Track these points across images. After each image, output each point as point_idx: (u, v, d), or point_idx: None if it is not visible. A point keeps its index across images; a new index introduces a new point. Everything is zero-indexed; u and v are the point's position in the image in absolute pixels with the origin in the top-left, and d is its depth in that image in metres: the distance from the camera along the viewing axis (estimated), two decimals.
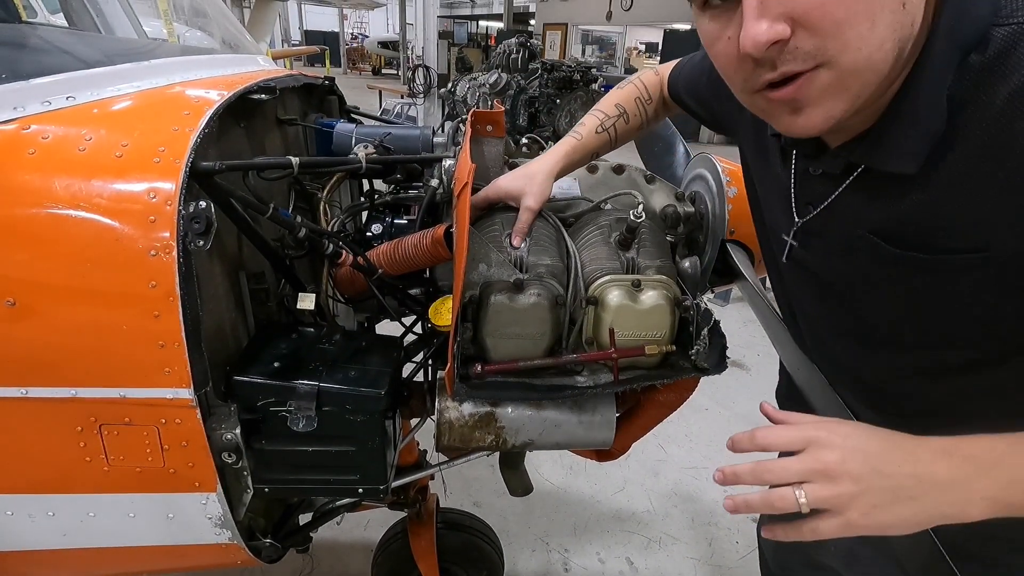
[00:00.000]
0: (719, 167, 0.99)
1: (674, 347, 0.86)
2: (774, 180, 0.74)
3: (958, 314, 0.57)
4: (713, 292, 1.08)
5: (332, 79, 1.30)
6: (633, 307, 0.83)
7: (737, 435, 0.60)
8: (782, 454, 0.58)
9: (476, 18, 21.92)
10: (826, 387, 0.74)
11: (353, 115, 1.36)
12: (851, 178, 0.60)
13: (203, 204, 0.67)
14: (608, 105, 1.01)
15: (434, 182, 1.03)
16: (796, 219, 0.69)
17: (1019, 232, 0.49)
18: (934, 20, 0.51)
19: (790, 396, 0.98)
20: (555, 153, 0.93)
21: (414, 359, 1.04)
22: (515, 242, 0.87)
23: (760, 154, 0.77)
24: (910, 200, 0.55)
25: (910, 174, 0.53)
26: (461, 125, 1.18)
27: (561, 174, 0.94)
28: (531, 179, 0.89)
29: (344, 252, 0.94)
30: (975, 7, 0.50)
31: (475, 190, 0.90)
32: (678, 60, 0.99)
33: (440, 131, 1.24)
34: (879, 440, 0.54)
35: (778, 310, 0.85)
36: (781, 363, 0.94)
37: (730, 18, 0.52)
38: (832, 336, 0.74)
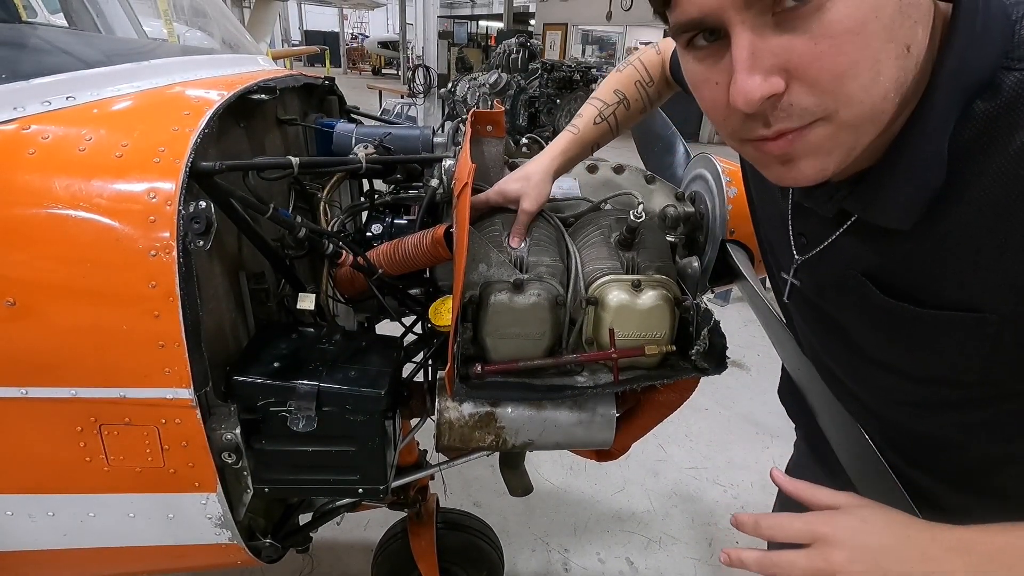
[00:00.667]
0: (719, 167, 0.99)
1: (674, 347, 0.86)
2: (771, 198, 0.72)
3: (952, 360, 0.54)
4: (713, 292, 1.08)
5: (332, 79, 1.30)
6: (633, 307, 0.83)
7: (741, 516, 0.58)
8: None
9: (476, 18, 21.93)
10: (826, 389, 0.74)
11: (353, 115, 1.36)
12: (846, 224, 0.58)
13: (203, 204, 0.67)
14: (606, 92, 0.98)
15: (434, 182, 1.03)
16: (795, 256, 0.68)
17: (1019, 296, 0.46)
18: (938, 57, 0.46)
19: (791, 396, 0.98)
20: (551, 152, 0.92)
21: (414, 359, 1.04)
22: (513, 243, 0.87)
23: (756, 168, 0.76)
24: (903, 250, 0.53)
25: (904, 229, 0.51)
26: (461, 125, 1.18)
27: (559, 172, 0.93)
28: (528, 180, 0.89)
29: (344, 252, 0.94)
30: (982, 46, 0.45)
31: (475, 190, 0.90)
32: None
33: (440, 131, 1.24)
34: (890, 535, 0.51)
35: (778, 311, 0.85)
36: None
37: (716, 62, 0.47)
38: (833, 361, 0.73)
